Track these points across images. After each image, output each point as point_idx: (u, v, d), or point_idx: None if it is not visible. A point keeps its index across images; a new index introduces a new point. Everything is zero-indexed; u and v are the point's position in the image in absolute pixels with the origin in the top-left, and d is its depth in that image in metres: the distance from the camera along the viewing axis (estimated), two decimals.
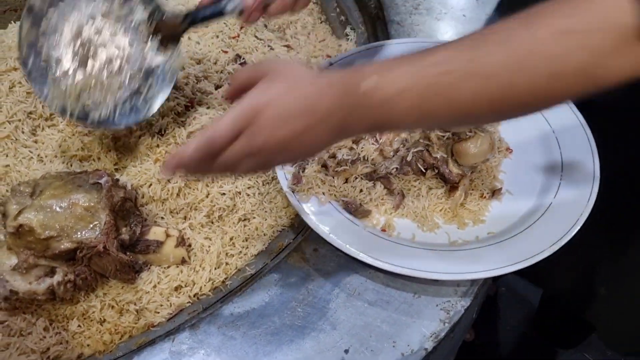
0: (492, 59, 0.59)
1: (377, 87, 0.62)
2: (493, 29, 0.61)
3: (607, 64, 0.57)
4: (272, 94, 0.63)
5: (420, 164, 0.89)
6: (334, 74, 0.64)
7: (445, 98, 0.61)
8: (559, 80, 0.59)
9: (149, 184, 0.93)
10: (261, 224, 0.97)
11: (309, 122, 0.63)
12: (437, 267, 0.82)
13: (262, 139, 0.62)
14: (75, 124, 0.95)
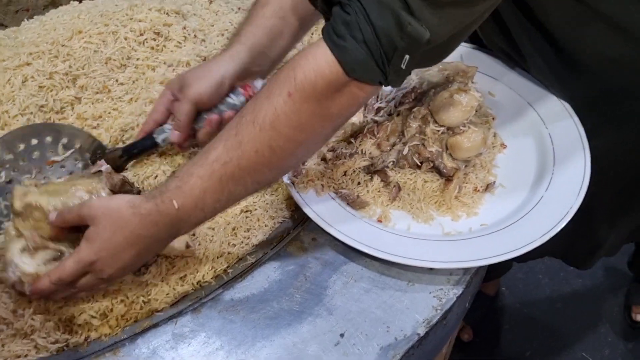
0: (252, 137, 0.74)
1: (184, 199, 0.76)
2: (247, 108, 0.76)
3: (334, 103, 0.73)
4: (101, 240, 0.76)
5: (416, 158, 0.92)
6: (146, 203, 0.76)
7: (236, 180, 0.76)
8: (304, 130, 0.74)
9: (155, 176, 0.96)
10: (263, 215, 0.99)
11: (139, 249, 0.78)
12: (431, 256, 0.85)
13: (108, 273, 0.78)
14: None
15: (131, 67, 1.07)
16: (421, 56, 0.70)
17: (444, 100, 0.87)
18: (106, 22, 1.10)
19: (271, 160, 0.76)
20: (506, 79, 1.08)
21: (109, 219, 0.76)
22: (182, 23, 1.14)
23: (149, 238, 0.77)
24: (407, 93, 0.94)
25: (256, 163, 0.75)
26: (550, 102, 1.03)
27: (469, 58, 1.08)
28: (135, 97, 1.04)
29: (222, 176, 0.75)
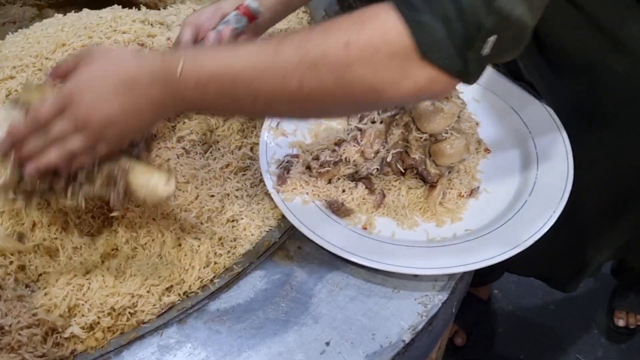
0: (289, 59, 0.64)
1: (191, 70, 0.66)
2: (297, 32, 0.68)
3: (388, 79, 0.62)
4: (88, 73, 0.68)
5: (400, 165, 0.93)
6: (153, 54, 0.70)
7: (249, 89, 0.66)
8: (344, 88, 0.64)
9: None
10: (249, 224, 1.00)
11: (130, 94, 0.68)
12: (415, 262, 0.85)
13: (84, 112, 0.68)
14: None
15: None
16: (507, 40, 0.61)
17: (426, 107, 0.88)
18: (90, 35, 1.10)
19: (294, 94, 0.66)
20: (490, 85, 1.08)
21: (105, 56, 0.69)
22: (166, 34, 1.15)
23: (139, 90, 0.68)
24: None
25: (279, 87, 0.66)
26: (533, 107, 1.04)
27: None
28: None
29: (238, 75, 0.66)
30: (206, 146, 1.03)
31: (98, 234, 0.97)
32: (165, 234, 0.96)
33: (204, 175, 1.01)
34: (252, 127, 1.09)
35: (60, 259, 0.95)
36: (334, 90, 0.64)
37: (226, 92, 0.68)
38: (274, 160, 0.99)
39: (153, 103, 0.69)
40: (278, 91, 0.66)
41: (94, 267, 0.93)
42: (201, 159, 1.02)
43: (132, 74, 0.68)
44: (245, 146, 1.07)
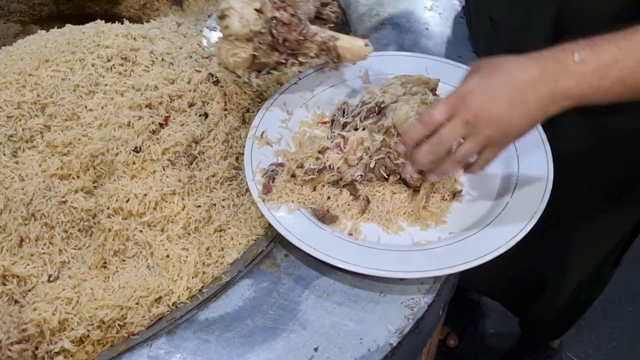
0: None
1: (589, 57, 0.67)
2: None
3: None
4: (477, 78, 0.71)
5: (383, 170, 0.94)
6: (537, 53, 0.70)
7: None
8: None
9: (127, 199, 0.97)
10: (236, 233, 1.01)
11: (515, 92, 0.68)
12: (401, 266, 0.86)
13: (474, 111, 0.70)
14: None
15: (99, 93, 1.08)
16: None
17: (406, 113, 0.89)
18: (73, 50, 1.11)
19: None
20: None
21: (493, 62, 0.72)
22: (149, 47, 1.15)
23: (528, 82, 0.69)
24: (371, 108, 0.96)
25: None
26: None
27: (434, 71, 1.10)
28: (104, 122, 1.05)
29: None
30: (191, 157, 1.04)
31: (86, 248, 0.98)
32: (153, 246, 0.97)
33: (190, 186, 1.01)
34: (237, 137, 1.10)
35: (49, 273, 0.95)
36: None
37: (626, 78, 0.68)
38: (259, 170, 1.00)
39: (540, 100, 0.70)
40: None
41: (82, 281, 0.93)
42: (187, 170, 1.03)
43: (519, 70, 0.69)
44: (231, 156, 1.08)
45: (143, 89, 1.07)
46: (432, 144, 0.78)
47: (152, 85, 1.07)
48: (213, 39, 1.10)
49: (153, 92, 1.06)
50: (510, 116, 0.71)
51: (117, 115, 1.03)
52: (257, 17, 0.95)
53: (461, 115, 0.72)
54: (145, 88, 1.07)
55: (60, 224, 0.98)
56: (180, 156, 1.03)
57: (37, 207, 0.97)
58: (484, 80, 0.71)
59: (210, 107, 1.12)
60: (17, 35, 1.81)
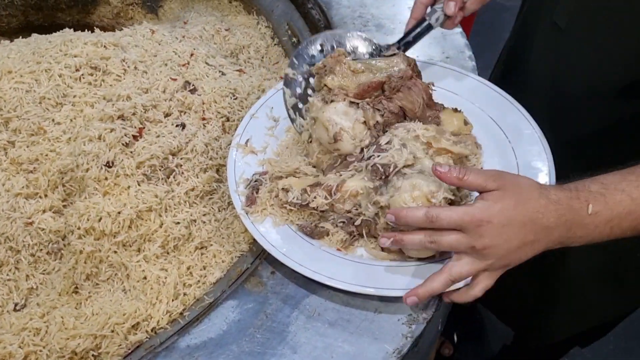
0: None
1: (602, 210, 0.71)
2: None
3: None
4: (499, 207, 0.70)
5: (365, 231, 0.87)
6: (558, 191, 0.72)
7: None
8: None
9: (99, 218, 0.90)
10: (219, 251, 0.94)
11: (529, 232, 0.70)
12: (396, 283, 0.80)
13: (486, 243, 0.70)
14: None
15: (68, 105, 1.01)
16: None
17: (405, 203, 0.79)
18: (38, 60, 1.04)
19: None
20: (469, 94, 1.04)
21: (516, 189, 0.71)
22: (121, 55, 1.09)
23: (544, 228, 0.71)
24: (377, 169, 0.84)
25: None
26: (513, 115, 0.99)
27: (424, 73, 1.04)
28: (74, 136, 0.98)
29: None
30: (168, 170, 0.97)
31: (55, 272, 0.91)
32: (128, 267, 0.90)
33: (167, 202, 0.95)
34: (217, 148, 1.04)
35: (15, 301, 0.88)
36: None
37: (637, 225, 0.72)
38: (242, 180, 0.93)
39: (549, 244, 0.73)
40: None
41: (52, 308, 0.86)
42: (164, 184, 0.96)
43: (539, 214, 0.70)
44: (211, 168, 1.01)
45: (115, 99, 1.01)
46: (427, 240, 0.75)
47: (125, 95, 1.01)
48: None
49: (126, 102, 1.00)
50: (518, 255, 0.73)
51: (87, 128, 0.96)
52: (367, 132, 0.91)
53: (471, 239, 0.72)
54: (117, 98, 1.01)
55: (27, 247, 0.91)
56: (156, 170, 0.96)
57: (0, 229, 0.90)
58: (504, 214, 0.70)
59: (187, 117, 1.06)
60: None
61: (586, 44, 1.00)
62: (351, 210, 0.87)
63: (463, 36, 1.23)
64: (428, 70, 1.07)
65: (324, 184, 0.88)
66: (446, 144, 0.87)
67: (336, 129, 0.89)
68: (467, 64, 1.16)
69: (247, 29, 1.47)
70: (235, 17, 1.52)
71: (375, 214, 0.85)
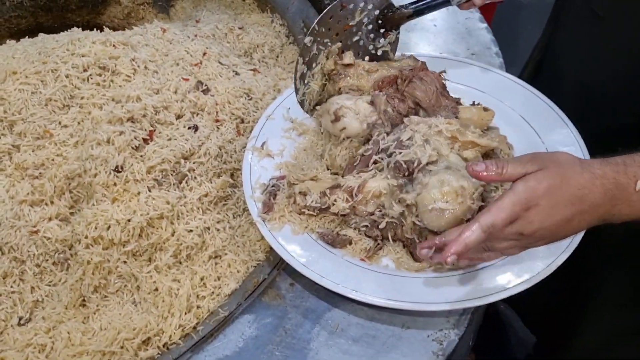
0: None
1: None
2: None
3: None
4: (546, 185, 0.67)
5: (391, 234, 0.81)
6: (602, 166, 0.68)
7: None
8: None
9: (107, 226, 0.85)
10: (234, 260, 0.89)
11: (576, 210, 0.67)
12: (427, 296, 0.74)
13: (535, 227, 0.67)
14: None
15: (75, 107, 0.97)
16: None
17: (433, 200, 0.74)
18: (44, 60, 0.99)
19: None
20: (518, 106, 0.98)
21: (557, 167, 0.68)
22: (130, 55, 1.04)
23: (591, 205, 0.68)
24: (400, 166, 0.79)
25: None
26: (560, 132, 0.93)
27: (452, 71, 0.98)
28: (81, 139, 0.94)
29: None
30: (180, 175, 0.92)
31: (61, 283, 0.86)
32: (139, 278, 0.85)
33: (179, 209, 0.90)
34: (231, 151, 0.99)
35: (19, 315, 0.83)
36: None
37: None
38: (258, 185, 0.88)
39: (594, 221, 0.70)
40: None
41: (58, 323, 0.81)
42: (176, 190, 0.91)
43: (585, 189, 0.67)
44: (225, 173, 0.96)
45: (124, 100, 0.96)
46: (485, 255, 0.74)
47: (135, 96, 0.96)
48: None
49: (135, 103, 0.95)
50: (563, 232, 0.70)
51: (95, 131, 0.92)
52: (372, 109, 0.86)
53: (520, 227, 0.68)
54: (127, 99, 0.95)
55: (32, 258, 0.86)
56: (167, 175, 0.91)
57: (4, 239, 0.86)
58: (551, 194, 0.67)
59: (200, 119, 1.00)
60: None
61: (625, 32, 0.93)
62: (374, 212, 0.81)
63: (489, 32, 1.17)
64: (452, 67, 1.01)
65: (344, 185, 0.82)
66: (472, 136, 0.81)
67: (336, 107, 0.86)
68: (494, 61, 1.10)
69: (261, 27, 1.42)
70: (249, 15, 1.47)
71: (400, 214, 0.79)
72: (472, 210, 0.73)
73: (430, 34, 1.19)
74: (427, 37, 1.18)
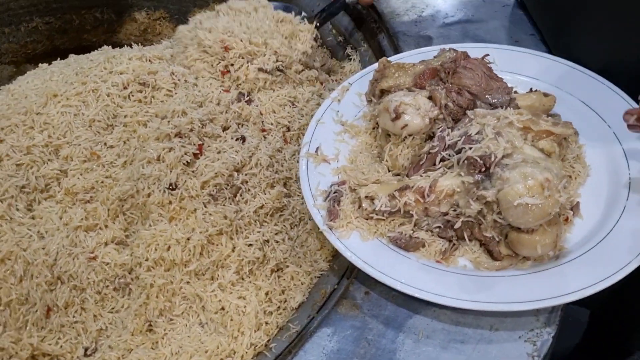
0: None
1: None
2: None
3: None
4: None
5: (467, 234, 0.78)
6: None
7: None
8: None
9: (167, 247, 0.82)
10: (296, 272, 0.86)
11: None
12: (512, 294, 0.71)
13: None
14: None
15: (119, 126, 0.94)
16: None
17: (517, 197, 0.69)
18: (83, 80, 0.96)
19: None
20: (569, 86, 0.94)
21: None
22: (168, 69, 1.01)
23: None
24: (474, 162, 0.75)
25: None
26: (601, 92, 0.90)
27: (500, 60, 0.94)
28: (129, 159, 0.91)
29: None
30: (234, 188, 0.89)
31: (125, 309, 0.83)
32: (204, 298, 0.82)
33: (237, 223, 0.86)
34: (281, 160, 0.96)
35: (85, 346, 0.80)
36: None
37: None
38: (319, 192, 0.85)
39: None
40: None
41: (127, 351, 0.78)
42: (231, 204, 0.88)
43: None
44: (278, 182, 0.93)
45: (169, 115, 0.93)
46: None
47: (179, 111, 0.93)
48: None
49: (181, 118, 0.92)
50: None
51: (144, 150, 0.89)
52: (432, 105, 0.83)
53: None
54: (172, 114, 0.92)
55: (92, 285, 0.83)
56: (222, 189, 0.88)
57: (62, 267, 0.83)
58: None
59: (246, 129, 0.97)
60: (11, 77, 1.67)
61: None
62: (448, 212, 0.78)
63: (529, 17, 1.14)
64: (497, 55, 0.97)
65: (414, 186, 0.79)
66: (546, 125, 0.78)
67: (396, 104, 0.83)
68: (540, 47, 1.07)
69: None
70: None
71: (478, 212, 0.75)
72: (559, 203, 0.70)
73: (466, 24, 1.15)
74: (463, 28, 1.14)
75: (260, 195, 0.90)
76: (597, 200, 0.81)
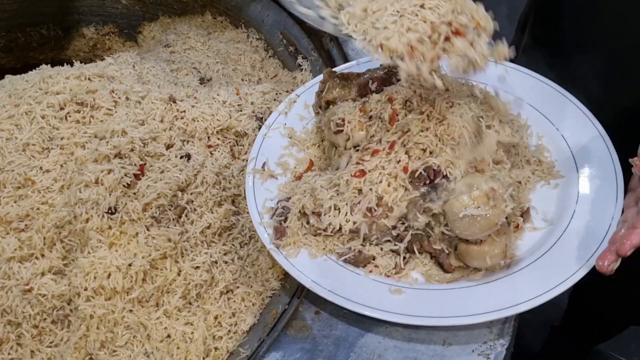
0: None
1: None
2: None
3: None
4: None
5: (417, 247, 0.76)
6: None
7: None
8: None
9: (107, 275, 0.78)
10: (247, 293, 0.84)
11: None
12: (465, 307, 0.69)
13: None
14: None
15: (56, 149, 0.90)
16: None
17: (463, 210, 0.69)
18: (16, 103, 0.92)
19: None
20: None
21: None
22: (108, 87, 0.97)
23: None
24: (420, 175, 0.74)
25: None
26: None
27: None
28: (67, 183, 0.87)
29: None
30: (179, 209, 0.86)
31: (64, 343, 0.78)
32: (148, 327, 0.78)
33: (183, 245, 0.83)
34: (229, 177, 0.93)
35: None
36: None
37: None
38: (265, 210, 0.82)
39: None
40: None
41: None
42: (176, 225, 0.85)
43: None
44: (226, 200, 0.90)
45: (108, 135, 0.89)
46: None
47: (119, 130, 0.89)
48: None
49: (121, 138, 0.88)
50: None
51: (81, 172, 0.85)
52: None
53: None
54: (111, 134, 0.89)
55: (28, 319, 0.79)
56: (165, 210, 0.84)
57: None
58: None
59: (191, 146, 0.94)
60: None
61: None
62: (397, 225, 0.76)
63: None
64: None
65: (363, 202, 0.76)
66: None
67: (337, 116, 0.82)
68: None
69: (238, 44, 1.36)
70: (222, 33, 1.41)
71: (426, 225, 0.74)
72: (506, 213, 0.68)
73: None
74: None
75: (207, 214, 0.87)
76: (548, 205, 0.80)
